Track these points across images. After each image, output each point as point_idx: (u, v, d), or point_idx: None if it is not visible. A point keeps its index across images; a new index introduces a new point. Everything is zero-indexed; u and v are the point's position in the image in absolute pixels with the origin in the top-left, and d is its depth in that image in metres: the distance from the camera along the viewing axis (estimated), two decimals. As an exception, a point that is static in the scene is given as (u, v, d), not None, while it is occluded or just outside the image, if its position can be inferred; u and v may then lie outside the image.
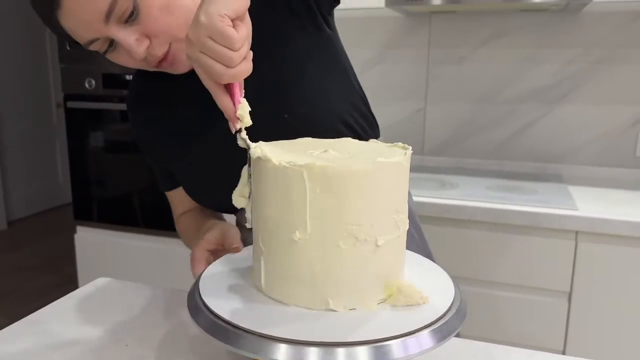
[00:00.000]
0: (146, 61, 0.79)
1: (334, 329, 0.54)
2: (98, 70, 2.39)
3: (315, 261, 0.56)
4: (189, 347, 0.79)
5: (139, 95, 0.97)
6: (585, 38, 1.94)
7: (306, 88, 0.85)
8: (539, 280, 1.60)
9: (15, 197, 4.58)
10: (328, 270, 0.56)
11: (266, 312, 0.57)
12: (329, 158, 0.58)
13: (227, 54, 0.59)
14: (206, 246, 0.79)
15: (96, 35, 0.75)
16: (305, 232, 0.55)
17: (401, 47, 2.16)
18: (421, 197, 1.67)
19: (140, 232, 2.50)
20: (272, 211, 0.58)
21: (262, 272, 0.60)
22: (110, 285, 1.03)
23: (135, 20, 0.74)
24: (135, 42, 0.75)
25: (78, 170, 2.59)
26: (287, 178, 0.55)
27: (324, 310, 0.57)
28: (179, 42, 0.78)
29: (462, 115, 2.13)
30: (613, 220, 1.49)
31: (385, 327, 0.54)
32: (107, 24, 0.73)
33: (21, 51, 4.54)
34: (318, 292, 0.57)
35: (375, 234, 0.57)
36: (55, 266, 3.59)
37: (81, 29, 0.74)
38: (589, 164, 2.01)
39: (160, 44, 0.77)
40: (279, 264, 0.58)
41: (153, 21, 0.75)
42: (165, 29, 0.76)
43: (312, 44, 0.87)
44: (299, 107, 0.83)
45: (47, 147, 4.88)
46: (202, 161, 0.91)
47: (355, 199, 0.55)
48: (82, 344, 0.80)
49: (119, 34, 0.74)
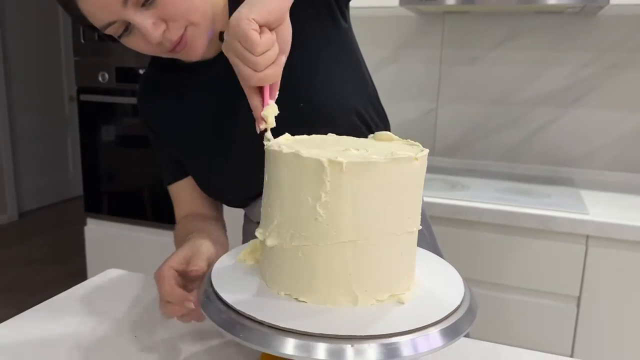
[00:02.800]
0: (161, 45, 0.79)
1: (344, 324, 0.54)
2: (112, 64, 2.40)
3: (348, 260, 0.56)
4: (197, 339, 0.79)
5: (152, 85, 0.97)
6: (600, 42, 1.92)
7: (322, 79, 0.85)
8: (548, 284, 1.59)
9: (26, 189, 4.61)
10: (360, 268, 0.56)
11: (276, 305, 0.57)
12: (353, 155, 0.58)
13: (251, 58, 0.60)
14: (172, 264, 0.74)
15: (113, 18, 0.75)
16: (339, 230, 0.55)
17: (414, 47, 2.15)
18: (431, 198, 1.66)
19: (149, 226, 2.51)
20: (297, 209, 0.56)
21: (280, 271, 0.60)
22: (120, 276, 1.03)
23: (152, 4, 0.75)
24: (151, 26, 0.75)
25: (89, 163, 2.61)
26: (314, 173, 0.54)
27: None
28: (195, 26, 0.78)
29: (474, 117, 2.12)
30: (624, 225, 1.47)
31: (395, 324, 0.54)
32: (125, 6, 0.74)
33: (35, 44, 4.57)
34: (348, 290, 0.57)
35: (406, 228, 0.58)
36: (65, 258, 3.61)
37: (99, 12, 0.74)
38: (601, 168, 1.99)
39: (176, 27, 0.77)
40: (307, 265, 0.57)
41: (170, 5, 0.75)
42: (182, 13, 0.76)
43: (328, 36, 0.87)
44: (315, 97, 0.84)
45: (59, 139, 4.91)
46: (213, 153, 0.90)
47: (386, 195, 0.55)
48: (91, 334, 0.80)
49: (136, 18, 0.75)
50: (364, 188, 0.54)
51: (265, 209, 0.61)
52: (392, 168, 0.55)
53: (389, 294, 0.59)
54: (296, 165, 0.55)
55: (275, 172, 0.58)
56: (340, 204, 0.54)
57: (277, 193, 0.58)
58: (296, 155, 0.55)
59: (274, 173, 0.59)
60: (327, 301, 0.57)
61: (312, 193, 0.54)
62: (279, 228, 0.58)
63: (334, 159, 0.53)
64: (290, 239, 0.57)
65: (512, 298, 1.64)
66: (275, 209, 0.59)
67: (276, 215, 0.58)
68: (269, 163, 0.60)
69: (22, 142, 4.54)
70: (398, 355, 0.51)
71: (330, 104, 0.84)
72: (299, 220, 0.56)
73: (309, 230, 0.55)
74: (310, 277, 0.57)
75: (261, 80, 0.62)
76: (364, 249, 0.56)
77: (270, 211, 0.59)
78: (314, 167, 0.54)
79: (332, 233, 0.55)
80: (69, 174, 5.02)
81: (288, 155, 0.56)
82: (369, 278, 0.57)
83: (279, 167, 0.57)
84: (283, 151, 0.56)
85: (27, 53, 4.51)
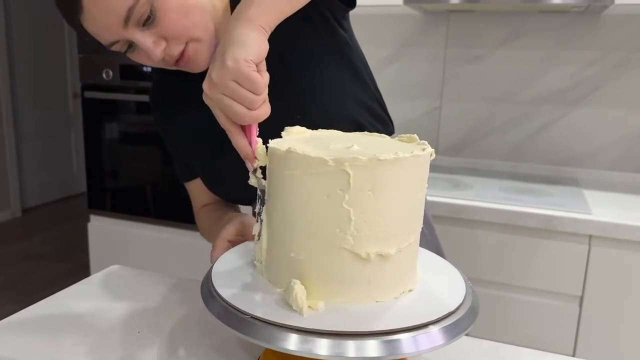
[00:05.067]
0: (164, 61, 0.82)
1: (346, 321, 0.54)
2: (116, 61, 2.41)
3: (363, 261, 0.56)
4: (200, 335, 0.80)
5: (161, 90, 1.01)
6: (604, 41, 1.92)
7: (319, 91, 0.87)
8: (551, 283, 1.59)
9: (30, 185, 4.63)
10: (362, 269, 0.56)
11: (279, 302, 0.58)
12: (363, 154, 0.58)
13: (251, 98, 0.63)
14: (227, 237, 0.81)
15: (116, 37, 0.78)
16: (353, 232, 0.55)
17: (418, 46, 2.15)
18: (434, 197, 1.66)
19: (152, 223, 2.52)
20: (309, 212, 0.56)
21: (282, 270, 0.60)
22: (123, 272, 1.04)
23: (152, 23, 0.77)
24: (152, 45, 0.78)
25: (93, 159, 2.61)
26: (329, 176, 0.54)
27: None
28: (195, 42, 0.81)
29: (478, 116, 2.12)
30: (627, 225, 1.47)
31: (396, 321, 0.54)
32: (126, 27, 0.76)
33: (39, 41, 4.58)
34: (350, 289, 0.57)
35: (408, 228, 0.58)
36: (68, 254, 3.62)
37: (102, 32, 0.77)
38: (605, 168, 1.99)
39: (176, 44, 0.80)
40: (308, 264, 0.57)
41: (170, 24, 0.78)
42: (182, 30, 0.79)
43: (325, 48, 0.89)
44: (312, 109, 0.86)
45: (63, 136, 4.92)
46: (216, 158, 0.93)
47: (397, 194, 0.56)
48: (94, 329, 0.81)
49: (137, 37, 0.77)
50: (367, 188, 0.54)
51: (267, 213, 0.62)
52: (394, 167, 0.55)
53: (391, 293, 0.59)
54: (319, 169, 0.55)
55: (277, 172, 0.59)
56: (372, 207, 0.55)
57: (293, 199, 0.58)
58: (316, 158, 0.55)
59: (276, 173, 0.59)
60: (329, 300, 0.57)
61: (341, 196, 0.55)
62: (300, 234, 0.58)
63: (361, 159, 0.53)
64: (316, 244, 0.57)
65: (515, 297, 1.64)
66: (276, 212, 0.59)
67: (295, 219, 0.58)
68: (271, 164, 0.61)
69: (26, 138, 4.55)
70: (399, 351, 0.51)
71: (327, 114, 0.85)
72: (327, 224, 0.56)
73: (345, 235, 0.56)
74: (311, 277, 0.57)
75: (255, 118, 0.65)
76: (394, 247, 0.57)
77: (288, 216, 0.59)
78: (339, 171, 0.54)
79: (364, 235, 0.55)
80: (73, 170, 5.04)
81: (307, 159, 0.55)
82: (371, 278, 0.57)
83: (300, 171, 0.56)
84: (299, 155, 0.56)
85: (32, 50, 4.52)
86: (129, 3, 0.74)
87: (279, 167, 0.58)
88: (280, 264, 0.60)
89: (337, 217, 0.55)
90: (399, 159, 0.54)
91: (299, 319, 0.53)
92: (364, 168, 0.53)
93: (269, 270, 0.63)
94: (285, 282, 0.57)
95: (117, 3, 0.74)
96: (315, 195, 0.55)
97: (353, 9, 0.93)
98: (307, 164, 0.55)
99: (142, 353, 0.75)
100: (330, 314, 0.55)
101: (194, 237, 2.37)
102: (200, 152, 0.96)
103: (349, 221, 0.54)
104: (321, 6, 0.86)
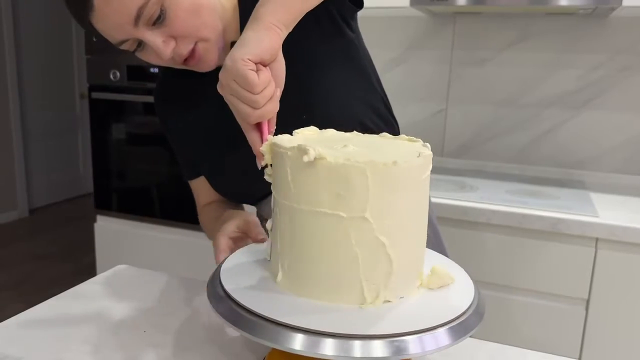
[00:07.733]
0: (173, 60, 0.82)
1: (352, 322, 0.54)
2: (123, 62, 2.42)
3: (370, 259, 0.56)
4: (206, 335, 0.80)
5: (167, 89, 1.01)
6: (611, 44, 1.91)
7: (325, 91, 0.87)
8: (557, 286, 1.58)
9: (37, 186, 4.65)
10: (368, 270, 0.56)
11: (286, 302, 0.58)
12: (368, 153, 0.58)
13: (251, 97, 0.63)
14: (228, 233, 0.81)
15: (126, 36, 0.78)
16: (362, 230, 0.55)
17: (424, 48, 2.15)
18: (440, 199, 1.66)
19: (158, 223, 2.53)
20: (321, 209, 0.56)
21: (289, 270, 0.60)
22: (129, 272, 1.04)
23: (162, 22, 0.78)
24: (162, 44, 0.78)
25: (100, 160, 2.63)
26: (345, 175, 0.54)
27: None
28: (204, 41, 0.81)
29: (484, 118, 2.11)
30: (634, 228, 1.46)
31: (402, 322, 0.54)
32: (136, 26, 0.77)
33: (47, 42, 4.60)
34: (356, 290, 0.57)
35: (424, 225, 0.59)
36: (75, 254, 3.64)
37: (112, 31, 0.78)
38: (611, 171, 1.98)
39: (186, 43, 0.80)
40: (316, 265, 0.57)
41: (180, 23, 0.78)
42: (191, 30, 0.79)
43: (332, 48, 0.89)
44: (318, 109, 0.86)
45: (70, 137, 4.94)
46: (222, 157, 0.93)
47: (408, 193, 0.56)
48: (101, 329, 0.81)
49: (147, 36, 0.78)
50: (403, 188, 0.56)
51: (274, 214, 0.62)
52: (396, 168, 0.55)
53: (396, 294, 0.59)
54: (332, 169, 0.55)
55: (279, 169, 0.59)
56: (383, 206, 0.55)
57: (307, 196, 0.58)
58: (331, 160, 0.55)
59: (279, 171, 0.59)
60: (336, 301, 0.57)
61: (355, 195, 0.55)
62: (308, 231, 0.58)
63: (375, 159, 0.54)
64: (323, 241, 0.57)
65: (521, 300, 1.63)
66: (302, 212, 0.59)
67: (305, 217, 0.58)
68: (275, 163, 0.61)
69: (33, 139, 4.57)
70: (405, 352, 0.51)
71: (332, 115, 0.85)
72: (337, 223, 0.56)
73: (354, 233, 0.56)
74: (319, 277, 0.57)
75: (260, 116, 0.65)
76: (403, 247, 0.57)
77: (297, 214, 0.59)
78: (355, 170, 0.54)
79: (372, 234, 0.56)
80: (80, 171, 5.06)
81: (320, 159, 0.55)
82: (377, 279, 0.57)
83: (312, 170, 0.56)
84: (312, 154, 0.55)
85: (39, 51, 4.54)
86: (140, 2, 0.74)
87: (281, 165, 0.59)
88: (288, 264, 0.60)
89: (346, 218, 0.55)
90: (398, 162, 0.55)
91: (306, 319, 0.53)
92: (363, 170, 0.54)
93: (277, 268, 0.63)
94: (293, 282, 0.57)
95: (128, 2, 0.74)
96: (323, 194, 0.55)
97: (361, 8, 0.93)
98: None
99: (148, 353, 0.75)
100: (337, 315, 0.55)
101: (200, 237, 2.37)
102: (207, 151, 0.96)
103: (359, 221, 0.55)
104: (330, 6, 0.86)
